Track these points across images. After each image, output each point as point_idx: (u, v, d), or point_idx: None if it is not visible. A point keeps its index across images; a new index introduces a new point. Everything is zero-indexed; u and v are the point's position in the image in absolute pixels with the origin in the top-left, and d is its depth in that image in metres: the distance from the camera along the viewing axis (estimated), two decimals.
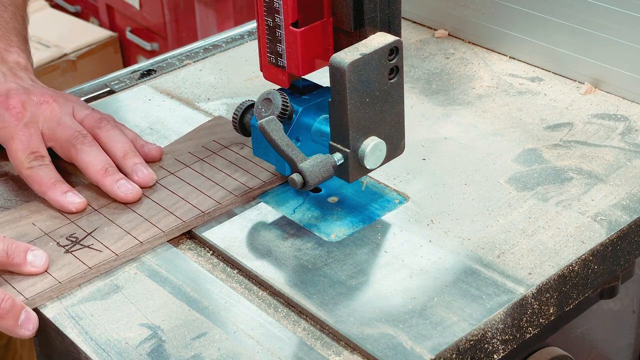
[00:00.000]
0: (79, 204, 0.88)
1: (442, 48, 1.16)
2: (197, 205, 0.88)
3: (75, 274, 0.81)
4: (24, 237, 0.85)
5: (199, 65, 1.16)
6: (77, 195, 0.89)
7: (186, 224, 0.86)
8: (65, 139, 0.92)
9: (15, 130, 0.92)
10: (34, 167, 0.90)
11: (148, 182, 0.91)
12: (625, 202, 0.88)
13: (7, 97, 0.93)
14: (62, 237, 0.85)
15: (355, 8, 0.82)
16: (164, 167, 0.94)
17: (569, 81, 1.08)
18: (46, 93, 0.96)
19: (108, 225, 0.86)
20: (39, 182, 0.89)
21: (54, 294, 0.80)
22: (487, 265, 0.81)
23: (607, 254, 0.85)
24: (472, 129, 1.00)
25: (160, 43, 2.63)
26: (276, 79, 0.87)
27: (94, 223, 0.87)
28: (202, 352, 0.74)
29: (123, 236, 0.85)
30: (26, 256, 0.81)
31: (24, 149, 0.91)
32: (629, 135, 0.98)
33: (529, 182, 0.91)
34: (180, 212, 0.87)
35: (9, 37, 1.03)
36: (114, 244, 0.84)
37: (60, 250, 0.83)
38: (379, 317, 0.76)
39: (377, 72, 0.80)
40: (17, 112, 0.93)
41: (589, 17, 1.03)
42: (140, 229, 0.86)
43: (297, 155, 0.81)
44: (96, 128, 0.94)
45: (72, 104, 0.96)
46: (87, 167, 0.90)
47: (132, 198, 0.89)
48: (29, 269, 0.81)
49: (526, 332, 0.80)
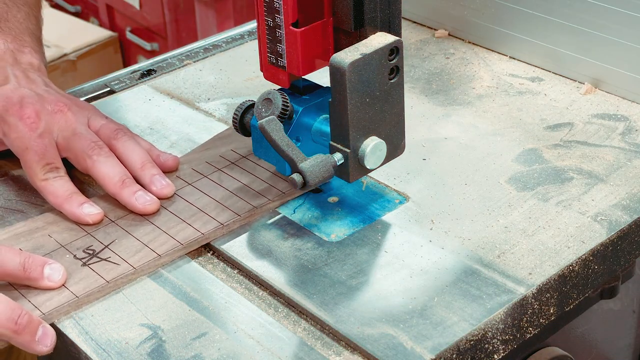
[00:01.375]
0: (95, 216, 0.87)
1: (442, 48, 1.16)
2: (216, 217, 0.86)
3: (92, 288, 0.79)
4: (40, 249, 0.84)
5: (199, 65, 1.16)
6: (94, 207, 0.87)
7: (205, 236, 0.85)
8: (81, 150, 0.90)
9: (30, 140, 0.90)
10: (49, 178, 0.88)
11: (167, 194, 0.89)
12: (626, 202, 0.88)
13: (21, 106, 0.91)
14: (78, 250, 0.84)
15: (356, 8, 0.82)
16: (181, 177, 0.93)
17: (569, 81, 1.08)
18: (60, 101, 0.94)
19: (125, 238, 0.85)
20: (54, 194, 0.88)
21: (71, 309, 0.78)
22: (487, 265, 0.81)
23: (608, 254, 0.85)
24: (472, 129, 1.00)
25: (160, 43, 2.62)
26: (276, 79, 0.87)
27: (111, 235, 0.85)
28: (202, 352, 0.74)
29: (141, 249, 0.83)
30: (43, 270, 0.79)
31: (38, 160, 0.89)
32: (629, 135, 0.98)
33: (529, 182, 0.91)
34: (198, 224, 0.86)
35: (23, 37, 1.01)
36: (131, 257, 0.82)
37: (77, 263, 0.82)
38: (379, 317, 0.76)
39: (377, 72, 0.80)
40: (31, 122, 0.91)
41: (589, 17, 1.03)
42: (159, 242, 0.84)
43: (297, 155, 0.81)
44: (112, 139, 0.92)
45: (87, 113, 0.95)
46: (104, 178, 0.89)
47: (151, 210, 0.87)
48: (46, 283, 0.79)
49: (526, 332, 0.80)
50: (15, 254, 0.79)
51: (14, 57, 0.98)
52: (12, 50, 0.99)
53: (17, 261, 0.79)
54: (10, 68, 0.97)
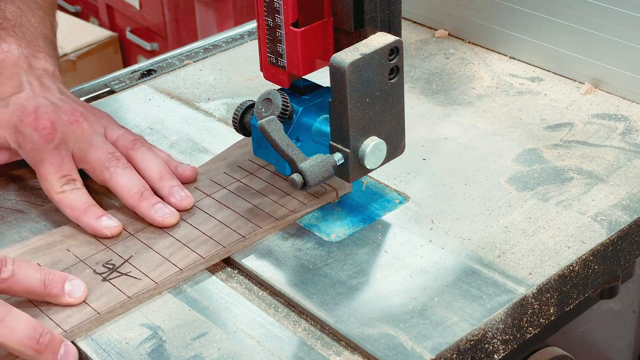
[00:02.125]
0: (114, 229, 0.85)
1: (442, 48, 1.16)
2: (237, 230, 0.85)
3: (114, 304, 0.78)
4: (58, 264, 0.82)
5: (199, 65, 1.16)
6: (112, 219, 0.85)
7: (226, 249, 0.83)
8: (98, 162, 0.88)
9: (46, 152, 0.88)
10: (66, 191, 0.87)
11: (186, 205, 0.87)
12: (626, 202, 0.88)
13: (36, 117, 0.89)
14: (98, 264, 0.82)
15: (356, 8, 0.82)
16: (200, 188, 0.91)
17: (569, 81, 1.08)
18: (76, 110, 0.92)
19: (145, 251, 0.83)
20: (71, 207, 0.86)
21: (92, 326, 0.76)
22: (487, 265, 0.81)
23: (608, 254, 0.85)
24: (472, 129, 1.00)
25: (160, 43, 2.63)
26: (276, 79, 0.87)
27: (131, 249, 0.83)
28: (202, 352, 0.74)
29: (162, 263, 0.82)
30: (64, 286, 0.77)
31: (54, 172, 0.87)
32: (629, 135, 0.98)
33: (529, 182, 0.91)
34: (219, 236, 0.84)
35: (37, 42, 1.00)
36: (152, 271, 0.81)
37: (97, 279, 0.80)
38: (380, 317, 0.76)
39: (377, 72, 0.80)
40: (47, 133, 0.89)
41: (589, 17, 1.03)
42: (179, 255, 0.82)
43: (297, 155, 0.81)
44: (130, 149, 0.90)
45: (104, 123, 0.93)
46: (122, 190, 0.87)
47: (170, 222, 0.86)
48: (66, 300, 0.77)
49: (526, 332, 0.80)
50: (35, 270, 0.77)
51: (28, 63, 0.97)
52: (27, 55, 0.97)
53: (37, 277, 0.77)
54: (25, 75, 0.95)
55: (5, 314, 0.73)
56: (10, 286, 0.76)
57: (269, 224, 0.85)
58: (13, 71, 0.95)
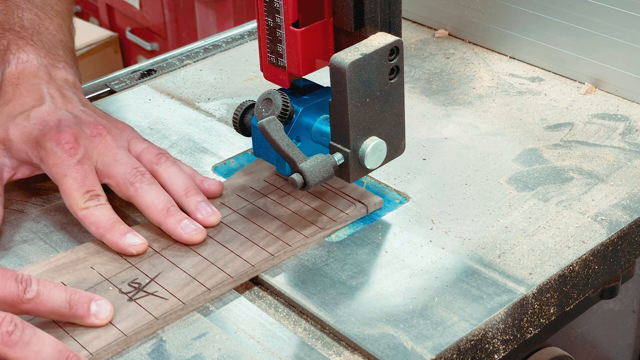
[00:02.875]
0: (139, 246, 0.82)
1: (442, 48, 1.16)
2: (265, 247, 0.82)
3: (141, 325, 0.75)
4: (82, 282, 0.79)
5: (199, 65, 1.16)
6: (137, 237, 0.83)
7: (255, 268, 0.81)
8: (123, 177, 0.86)
9: (69, 167, 0.85)
10: (90, 207, 0.84)
11: (213, 222, 0.85)
12: (626, 202, 0.88)
13: (58, 131, 0.87)
14: (123, 283, 0.79)
15: (356, 8, 0.82)
16: (226, 204, 0.88)
17: (569, 81, 1.08)
18: (99, 123, 0.89)
19: (172, 270, 0.80)
20: (95, 223, 0.83)
21: (119, 348, 0.74)
22: (487, 265, 0.81)
23: (608, 254, 0.85)
24: (473, 129, 1.00)
25: (160, 43, 2.63)
26: (276, 79, 0.87)
27: (157, 267, 0.81)
28: (202, 352, 0.74)
29: (189, 282, 0.79)
30: (90, 307, 0.75)
31: (78, 187, 0.84)
32: (630, 135, 0.98)
33: (529, 182, 0.91)
34: (247, 254, 0.82)
35: (56, 51, 0.98)
36: (179, 291, 0.78)
37: (123, 298, 0.78)
38: (380, 317, 0.76)
39: (377, 72, 0.80)
40: (69, 147, 0.86)
41: (589, 17, 1.03)
42: (207, 274, 0.80)
43: (297, 155, 0.81)
44: (154, 164, 0.88)
45: (127, 136, 0.90)
46: (148, 207, 0.84)
47: (197, 239, 0.83)
48: (92, 321, 0.75)
49: (527, 332, 0.80)
50: (61, 290, 0.75)
51: (48, 74, 0.94)
52: (46, 65, 0.95)
53: (63, 298, 0.74)
54: (46, 86, 0.92)
55: (31, 337, 0.71)
56: (36, 307, 0.74)
57: (298, 242, 0.83)
58: (33, 82, 0.93)
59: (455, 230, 0.85)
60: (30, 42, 0.96)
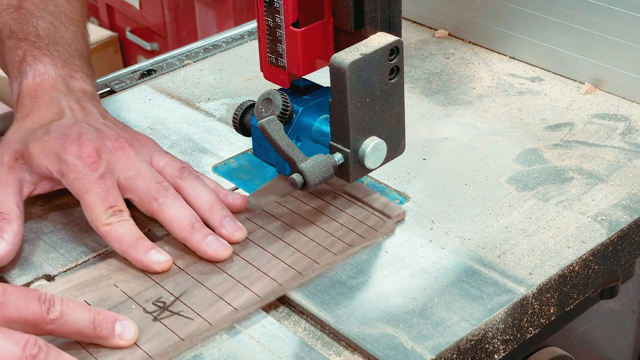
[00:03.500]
0: (164, 264, 0.80)
1: (442, 48, 1.16)
2: (293, 265, 0.80)
3: (167, 346, 0.73)
4: (106, 301, 0.77)
5: (199, 65, 1.16)
6: (162, 253, 0.80)
7: (283, 287, 0.78)
8: (146, 192, 0.83)
9: (91, 182, 0.83)
10: (113, 223, 0.81)
11: (238, 238, 0.83)
12: (626, 202, 0.88)
13: (79, 145, 0.85)
14: (148, 302, 0.77)
15: (356, 8, 0.82)
16: (252, 219, 0.86)
17: (569, 81, 1.08)
18: (121, 136, 0.87)
19: (197, 288, 0.78)
20: (119, 240, 0.81)
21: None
22: (487, 265, 0.81)
23: (608, 254, 0.85)
24: (473, 129, 1.00)
25: (160, 43, 2.63)
26: (276, 79, 0.87)
27: (182, 285, 0.78)
28: (202, 352, 0.74)
29: (215, 301, 0.77)
30: (114, 327, 0.73)
31: (100, 202, 0.82)
32: (630, 135, 0.98)
33: (529, 182, 0.91)
34: (274, 272, 0.79)
35: (73, 61, 0.95)
36: (205, 311, 0.76)
37: (148, 318, 0.75)
38: (380, 317, 0.76)
39: (377, 72, 0.80)
40: (92, 161, 0.84)
41: (589, 17, 1.03)
42: (234, 293, 0.77)
43: (297, 155, 0.81)
44: (178, 178, 0.85)
45: (149, 150, 0.88)
46: (172, 223, 0.82)
47: (223, 256, 0.81)
48: (117, 342, 0.73)
49: (527, 332, 0.80)
50: (84, 310, 0.73)
51: (67, 85, 0.92)
52: (64, 77, 0.93)
53: (86, 318, 0.72)
54: (65, 99, 0.91)
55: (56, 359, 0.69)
56: (59, 327, 0.72)
57: (327, 259, 0.81)
58: (52, 95, 0.91)
59: (455, 230, 0.85)
60: (47, 53, 0.94)
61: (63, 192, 0.91)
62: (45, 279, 0.82)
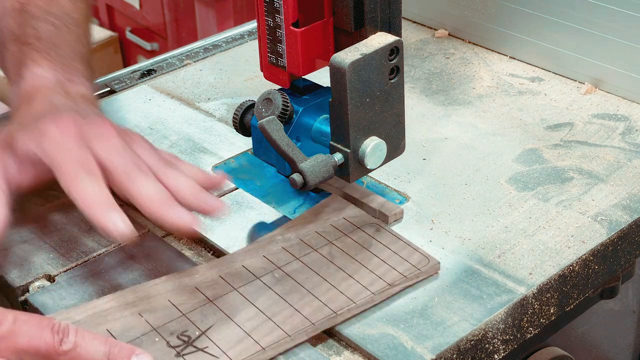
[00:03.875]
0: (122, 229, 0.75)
1: (442, 48, 1.16)
2: (327, 303, 0.76)
3: None
4: (129, 331, 0.74)
5: (199, 65, 1.16)
6: (125, 222, 0.76)
7: (315, 326, 0.74)
8: (122, 167, 0.80)
9: (64, 145, 0.80)
10: (83, 180, 0.78)
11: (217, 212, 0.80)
12: (626, 202, 0.88)
13: (60, 120, 0.82)
14: (172, 335, 0.73)
15: (356, 8, 0.82)
16: (288, 249, 0.82)
17: (569, 81, 1.08)
18: (108, 122, 0.85)
19: (225, 323, 0.74)
20: (83, 197, 0.77)
21: None
22: (487, 265, 0.81)
23: (608, 254, 0.85)
24: (473, 129, 1.00)
25: (160, 43, 2.63)
26: (276, 79, 0.87)
27: (209, 319, 0.75)
28: None
29: (242, 339, 0.73)
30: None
31: (71, 161, 0.79)
32: (630, 135, 0.98)
33: (529, 182, 0.91)
34: (307, 310, 0.75)
35: (73, 64, 0.92)
36: (231, 349, 0.72)
37: (171, 353, 0.72)
38: (380, 317, 0.76)
39: (377, 72, 0.80)
40: (70, 132, 0.81)
41: (589, 17, 1.03)
42: (262, 331, 0.73)
43: (297, 155, 0.81)
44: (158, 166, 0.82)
45: (135, 138, 0.85)
46: (142, 197, 0.78)
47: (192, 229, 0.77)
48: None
49: (527, 332, 0.80)
50: (100, 342, 0.70)
51: (65, 90, 0.89)
52: (62, 81, 0.90)
53: (102, 351, 0.69)
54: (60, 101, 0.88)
55: None
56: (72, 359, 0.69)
57: (364, 299, 0.76)
58: (48, 97, 0.89)
59: (455, 230, 0.85)
60: (47, 56, 0.92)
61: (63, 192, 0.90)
62: (46, 279, 0.82)
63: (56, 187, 0.85)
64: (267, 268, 0.80)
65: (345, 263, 0.80)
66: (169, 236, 0.87)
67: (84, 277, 0.82)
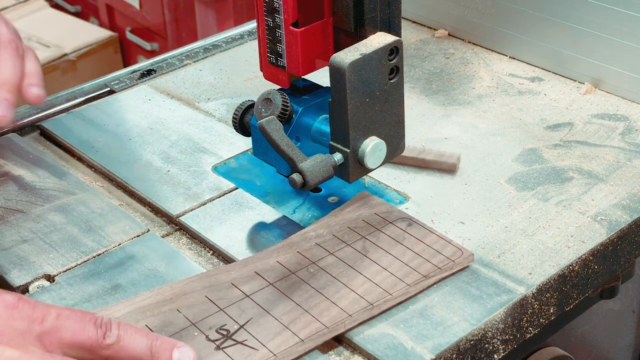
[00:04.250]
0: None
1: (442, 48, 1.16)
2: (364, 295, 0.76)
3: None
4: (168, 326, 0.74)
5: (199, 65, 1.16)
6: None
7: (352, 318, 0.75)
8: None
9: None
10: None
11: None
12: (626, 202, 0.88)
13: None
14: (211, 329, 0.74)
15: (356, 8, 0.82)
16: (321, 245, 0.82)
17: (569, 81, 1.08)
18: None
19: (262, 317, 0.75)
20: None
21: None
22: (487, 265, 0.81)
23: (608, 253, 0.85)
24: (472, 129, 1.00)
25: (160, 43, 2.62)
26: (276, 79, 0.87)
27: (246, 312, 0.75)
28: None
29: (281, 331, 0.73)
30: (172, 355, 0.70)
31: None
32: (629, 135, 0.98)
33: (529, 182, 0.91)
34: (344, 302, 0.76)
35: None
36: (270, 341, 0.72)
37: (210, 346, 0.72)
38: (380, 317, 0.76)
39: (377, 72, 0.80)
40: None
41: (589, 17, 1.03)
42: (300, 323, 0.74)
43: (297, 155, 0.81)
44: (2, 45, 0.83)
45: None
46: None
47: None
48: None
49: (526, 332, 0.80)
50: (142, 335, 0.70)
51: None
52: None
53: (144, 344, 0.70)
54: None
55: None
56: (116, 353, 0.69)
57: (400, 291, 0.77)
58: None
59: (455, 230, 0.85)
60: None
61: (63, 192, 0.91)
62: (45, 278, 0.82)
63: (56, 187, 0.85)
64: (302, 263, 0.80)
65: (379, 257, 0.80)
66: (169, 236, 0.87)
67: (83, 277, 0.82)
